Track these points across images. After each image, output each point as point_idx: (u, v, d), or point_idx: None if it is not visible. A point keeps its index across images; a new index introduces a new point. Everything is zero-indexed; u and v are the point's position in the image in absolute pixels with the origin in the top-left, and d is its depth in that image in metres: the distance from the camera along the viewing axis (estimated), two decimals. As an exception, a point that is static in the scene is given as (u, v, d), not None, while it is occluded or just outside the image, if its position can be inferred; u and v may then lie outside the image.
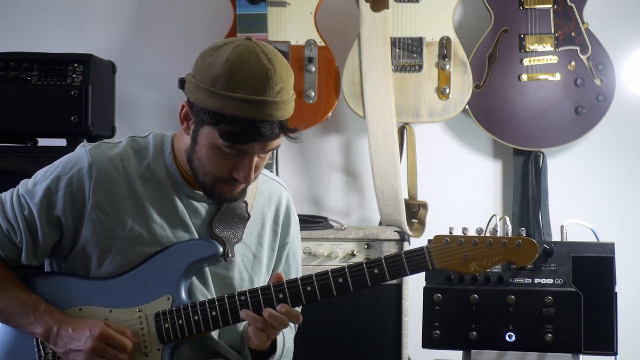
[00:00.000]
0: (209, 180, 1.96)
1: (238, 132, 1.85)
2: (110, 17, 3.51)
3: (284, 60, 1.91)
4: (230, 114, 1.84)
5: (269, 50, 1.89)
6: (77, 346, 1.94)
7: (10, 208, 2.02)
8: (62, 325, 1.96)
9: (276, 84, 1.85)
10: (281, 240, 2.17)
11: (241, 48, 1.86)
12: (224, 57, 1.85)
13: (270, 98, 1.84)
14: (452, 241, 1.94)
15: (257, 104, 1.83)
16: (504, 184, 3.45)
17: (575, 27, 3.21)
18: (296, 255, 2.22)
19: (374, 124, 3.14)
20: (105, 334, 1.93)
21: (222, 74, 1.84)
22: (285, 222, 2.17)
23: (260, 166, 1.98)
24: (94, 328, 1.94)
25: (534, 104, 3.22)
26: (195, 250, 2.01)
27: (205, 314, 1.96)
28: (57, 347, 1.97)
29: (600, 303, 2.37)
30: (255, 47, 1.87)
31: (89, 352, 1.93)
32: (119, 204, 1.99)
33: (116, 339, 1.94)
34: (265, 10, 3.17)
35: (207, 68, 1.87)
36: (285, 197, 2.19)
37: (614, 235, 2.68)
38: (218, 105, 1.84)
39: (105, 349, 1.93)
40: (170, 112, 3.45)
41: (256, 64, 1.85)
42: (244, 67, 1.84)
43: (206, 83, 1.86)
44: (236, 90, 1.83)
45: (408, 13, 3.20)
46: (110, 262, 2.00)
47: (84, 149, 2.02)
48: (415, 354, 2.99)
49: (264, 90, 1.84)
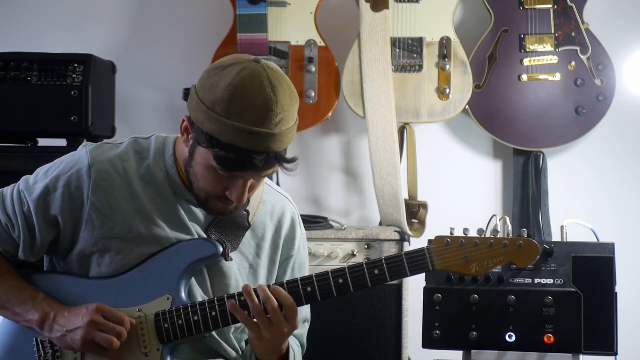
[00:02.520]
0: (203, 195, 1.96)
1: (233, 159, 1.83)
2: (110, 17, 3.51)
3: (290, 87, 1.87)
4: (226, 140, 1.81)
5: (275, 76, 1.85)
6: (74, 325, 1.94)
7: (10, 203, 2.03)
8: (59, 311, 1.97)
9: (276, 115, 1.82)
10: (284, 253, 2.14)
11: (246, 72, 1.82)
12: (227, 80, 1.82)
13: (268, 130, 1.81)
14: (452, 242, 1.93)
15: (254, 135, 1.80)
16: (504, 184, 3.45)
17: (575, 27, 3.21)
18: (302, 268, 2.19)
19: (374, 124, 3.14)
20: (101, 308, 1.94)
21: (223, 98, 1.81)
22: (289, 235, 2.14)
23: (256, 187, 1.96)
24: (89, 306, 1.95)
25: (534, 104, 3.22)
26: (195, 249, 2.01)
27: (205, 314, 1.96)
28: (52, 332, 1.97)
29: (600, 303, 2.37)
30: (261, 72, 1.83)
31: (86, 326, 1.93)
32: (118, 204, 1.98)
33: (113, 312, 1.95)
34: (265, 10, 3.17)
35: (209, 88, 1.84)
36: (290, 210, 2.16)
37: (614, 235, 2.69)
38: (215, 129, 1.82)
39: (102, 321, 1.93)
40: (170, 112, 3.45)
41: (258, 92, 1.81)
42: (245, 95, 1.81)
43: (207, 104, 1.83)
44: (234, 118, 1.80)
45: (408, 13, 3.20)
46: (109, 261, 2.00)
47: (85, 149, 2.02)
48: (415, 354, 2.99)
49: (263, 122, 1.81)
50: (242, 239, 2.06)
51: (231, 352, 2.07)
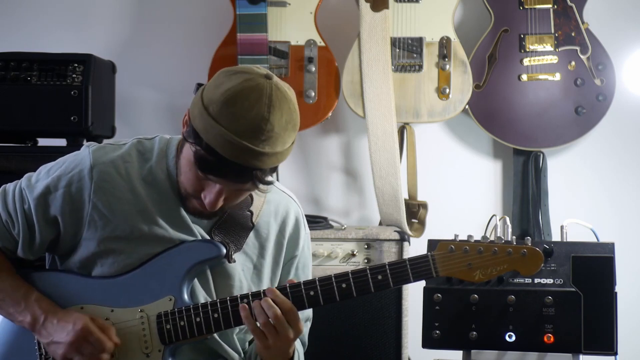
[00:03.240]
0: (183, 191, 1.96)
1: (209, 162, 1.82)
2: (110, 17, 3.51)
3: (291, 113, 1.84)
4: (208, 141, 1.80)
5: (279, 97, 1.82)
6: (58, 338, 1.95)
7: (12, 200, 2.03)
8: (48, 315, 1.97)
9: (263, 133, 1.79)
10: (288, 253, 2.14)
11: (250, 83, 1.81)
12: (231, 84, 1.81)
13: (250, 145, 1.79)
14: (456, 249, 1.92)
15: (235, 146, 1.78)
16: (504, 184, 3.45)
17: (575, 27, 3.21)
18: (306, 268, 2.19)
19: (374, 124, 3.14)
20: (86, 330, 1.93)
21: (218, 100, 1.80)
22: (293, 235, 2.13)
23: (233, 200, 1.93)
24: (77, 322, 1.94)
25: (534, 104, 3.23)
26: (198, 251, 2.00)
27: (207, 316, 1.96)
28: (41, 337, 1.98)
29: (600, 303, 2.37)
30: (264, 87, 1.81)
31: (67, 346, 1.93)
32: (120, 205, 1.98)
33: (96, 335, 1.93)
34: (265, 10, 3.17)
35: (213, 88, 1.84)
36: (294, 210, 2.15)
37: (614, 235, 2.68)
38: (202, 128, 1.82)
39: (84, 346, 1.93)
40: (170, 112, 3.45)
41: (253, 105, 1.79)
42: (239, 104, 1.79)
43: (204, 102, 1.83)
44: (222, 122, 1.79)
45: (408, 13, 3.20)
46: (112, 262, 2.00)
47: (88, 150, 2.02)
48: (415, 354, 2.99)
49: (248, 136, 1.78)
50: (246, 239, 2.06)
51: (233, 354, 2.07)
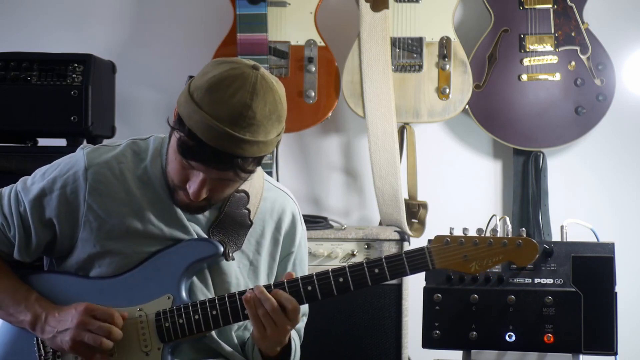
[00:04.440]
0: (171, 182, 1.96)
1: (190, 147, 1.83)
2: (110, 17, 3.51)
3: (275, 104, 1.84)
4: (190, 127, 1.81)
5: (264, 86, 1.83)
6: (63, 326, 1.94)
7: (7, 203, 2.03)
8: (49, 312, 1.97)
9: (244, 120, 1.79)
10: (285, 249, 2.14)
11: (235, 72, 1.82)
12: (216, 72, 1.82)
13: (231, 131, 1.79)
14: (452, 241, 1.93)
15: (215, 131, 1.79)
16: (504, 184, 3.45)
17: (575, 27, 3.21)
18: (302, 264, 2.19)
19: (374, 124, 3.14)
20: (90, 308, 1.94)
21: (202, 86, 1.82)
22: (289, 232, 2.14)
23: (219, 192, 1.93)
24: (78, 306, 1.95)
25: (534, 104, 3.22)
26: (195, 249, 2.01)
27: (206, 313, 1.96)
28: (44, 333, 1.98)
29: (600, 303, 2.37)
30: (249, 76, 1.82)
31: (75, 328, 1.93)
32: (116, 206, 1.98)
33: (102, 310, 1.94)
34: (265, 10, 3.17)
35: (200, 75, 1.86)
36: (291, 206, 2.15)
37: (614, 235, 2.69)
38: (185, 114, 1.83)
39: (91, 321, 1.93)
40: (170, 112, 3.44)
41: (235, 92, 1.80)
42: (222, 90, 1.80)
43: (190, 88, 1.85)
44: (204, 108, 1.80)
45: (408, 13, 3.20)
46: (109, 262, 2.00)
47: (82, 152, 2.02)
48: (415, 354, 2.99)
49: (229, 122, 1.79)
50: (244, 237, 2.06)
51: (231, 351, 2.07)
